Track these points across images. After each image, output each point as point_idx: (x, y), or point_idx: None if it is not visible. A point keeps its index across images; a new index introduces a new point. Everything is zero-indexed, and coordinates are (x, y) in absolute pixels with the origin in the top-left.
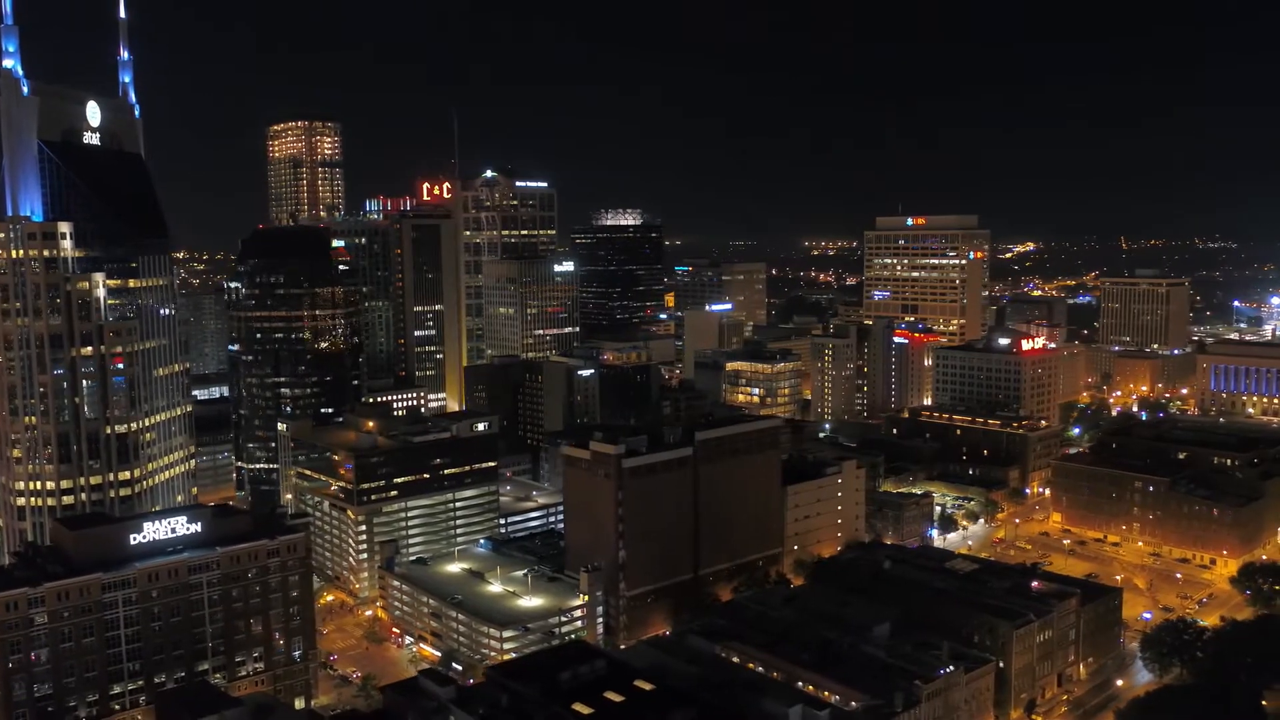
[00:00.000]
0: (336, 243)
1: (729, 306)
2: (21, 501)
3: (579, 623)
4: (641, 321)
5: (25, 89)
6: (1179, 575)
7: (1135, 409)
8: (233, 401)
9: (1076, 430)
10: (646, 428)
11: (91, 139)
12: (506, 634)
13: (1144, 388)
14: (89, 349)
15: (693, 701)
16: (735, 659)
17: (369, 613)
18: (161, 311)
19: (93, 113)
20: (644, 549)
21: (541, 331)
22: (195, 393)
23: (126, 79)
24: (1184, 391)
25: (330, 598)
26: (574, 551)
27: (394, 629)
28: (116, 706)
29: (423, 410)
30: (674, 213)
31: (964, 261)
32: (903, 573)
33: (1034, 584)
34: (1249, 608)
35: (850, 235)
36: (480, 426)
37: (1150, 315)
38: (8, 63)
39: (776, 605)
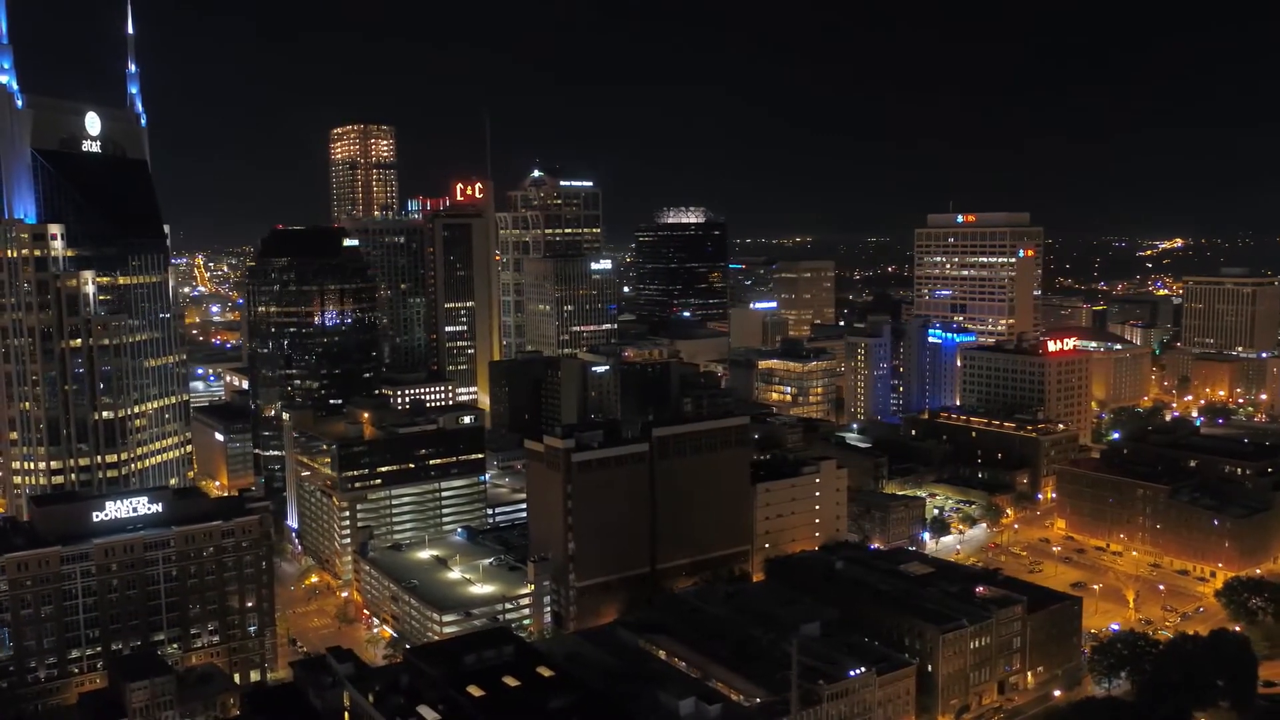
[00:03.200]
0: (350, 242)
1: (774, 305)
2: (18, 480)
3: (527, 611)
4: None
5: (20, 102)
6: (1162, 586)
7: (1196, 414)
8: (250, 392)
9: (1115, 435)
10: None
11: (91, 147)
12: (446, 618)
13: (1221, 392)
14: (78, 341)
15: (580, 689)
16: (660, 652)
17: (345, 594)
18: (154, 305)
19: (92, 122)
20: (595, 542)
21: (579, 328)
22: (243, 383)
23: (133, 90)
24: (1263, 397)
25: (315, 579)
26: (534, 542)
27: (364, 610)
28: (75, 670)
29: (449, 403)
30: (798, 212)
31: (1014, 260)
32: (854, 574)
33: (978, 589)
34: (1233, 623)
35: None
36: (466, 419)
37: (1235, 316)
38: (2, 78)
39: (716, 601)
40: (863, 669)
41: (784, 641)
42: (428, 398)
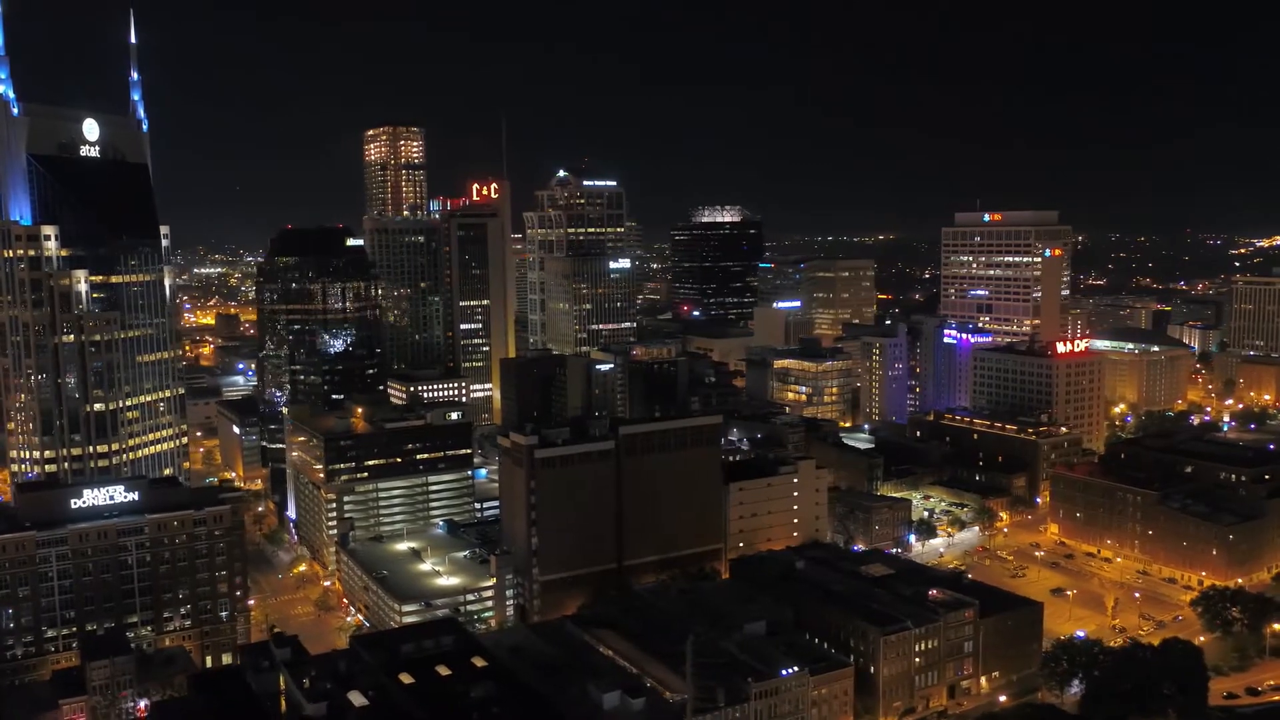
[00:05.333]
0: (355, 241)
1: (797, 304)
2: (14, 469)
3: (490, 602)
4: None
5: (16, 110)
6: (1138, 595)
7: (1229, 419)
8: (259, 386)
9: None
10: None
11: (90, 152)
12: (406, 608)
13: (1268, 396)
14: (70, 337)
15: (507, 680)
16: (603, 647)
17: (327, 583)
18: (149, 303)
19: (90, 128)
20: (559, 537)
21: (598, 326)
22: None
23: (135, 97)
24: None
25: (304, 568)
26: (505, 536)
27: (344, 599)
28: (51, 649)
29: (463, 399)
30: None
31: (1039, 259)
32: (813, 574)
33: (931, 592)
34: (1207, 633)
35: (1078, 230)
36: (454, 416)
37: None
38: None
39: (669, 598)
40: (795, 668)
41: (725, 639)
42: (442, 394)
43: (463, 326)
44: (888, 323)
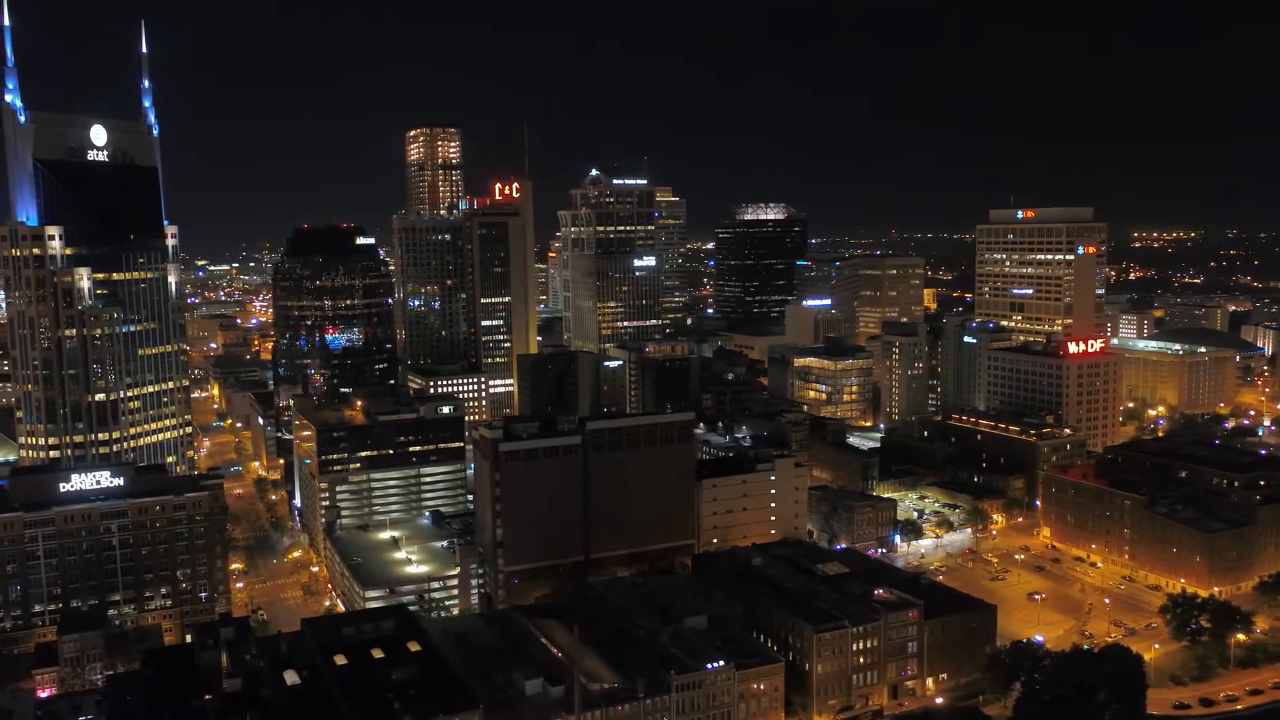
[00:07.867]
0: (365, 240)
1: (827, 302)
2: (22, 455)
3: (455, 590)
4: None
5: (23, 118)
6: (1108, 600)
7: (1267, 423)
8: (274, 380)
9: None
10: None
11: (98, 156)
12: (370, 594)
13: None
14: (72, 331)
15: (433, 664)
16: (544, 637)
17: (314, 569)
18: (152, 299)
19: (98, 134)
20: (524, 529)
21: (625, 323)
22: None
23: (147, 103)
24: None
25: (299, 554)
26: (476, 527)
27: (328, 584)
28: (38, 623)
29: (484, 395)
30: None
31: (1071, 257)
32: (770, 571)
33: (877, 592)
34: (1174, 641)
35: (1186, 226)
36: (445, 410)
37: None
38: (7, 97)
39: (620, 592)
40: (721, 662)
41: (661, 633)
42: (462, 389)
43: (484, 323)
44: (944, 320)
